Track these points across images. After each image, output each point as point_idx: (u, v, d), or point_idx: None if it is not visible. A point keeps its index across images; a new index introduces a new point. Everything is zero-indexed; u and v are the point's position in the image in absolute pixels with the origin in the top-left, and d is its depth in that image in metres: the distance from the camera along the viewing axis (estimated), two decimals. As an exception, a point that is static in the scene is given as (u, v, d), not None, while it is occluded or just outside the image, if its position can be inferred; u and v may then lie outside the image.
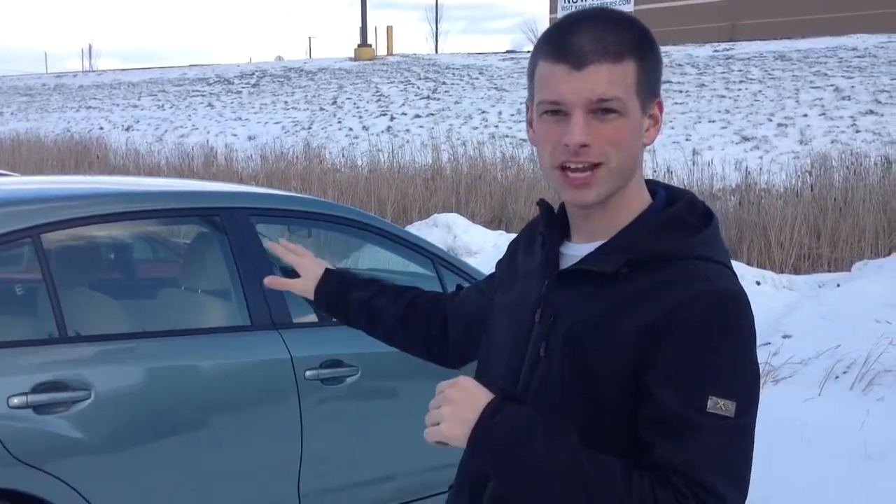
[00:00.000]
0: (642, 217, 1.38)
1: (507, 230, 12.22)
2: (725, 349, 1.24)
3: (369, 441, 3.79)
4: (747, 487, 1.24)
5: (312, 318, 3.82)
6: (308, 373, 3.57)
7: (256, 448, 3.44)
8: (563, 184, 1.35)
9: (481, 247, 9.68)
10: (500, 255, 1.70)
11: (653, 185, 1.44)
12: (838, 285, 7.20)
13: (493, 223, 12.47)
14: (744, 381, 1.25)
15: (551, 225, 1.47)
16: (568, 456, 1.23)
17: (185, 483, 3.26)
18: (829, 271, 8.96)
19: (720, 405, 1.21)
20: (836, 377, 5.59)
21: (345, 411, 3.73)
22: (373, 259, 5.56)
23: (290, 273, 2.00)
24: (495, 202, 13.19)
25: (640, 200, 1.40)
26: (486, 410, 1.28)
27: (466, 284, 3.99)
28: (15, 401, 2.87)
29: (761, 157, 15.13)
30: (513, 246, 1.65)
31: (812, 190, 10.83)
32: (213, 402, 3.36)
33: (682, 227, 1.35)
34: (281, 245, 2.00)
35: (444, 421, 1.29)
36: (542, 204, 1.51)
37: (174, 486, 3.23)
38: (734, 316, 1.26)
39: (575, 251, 1.42)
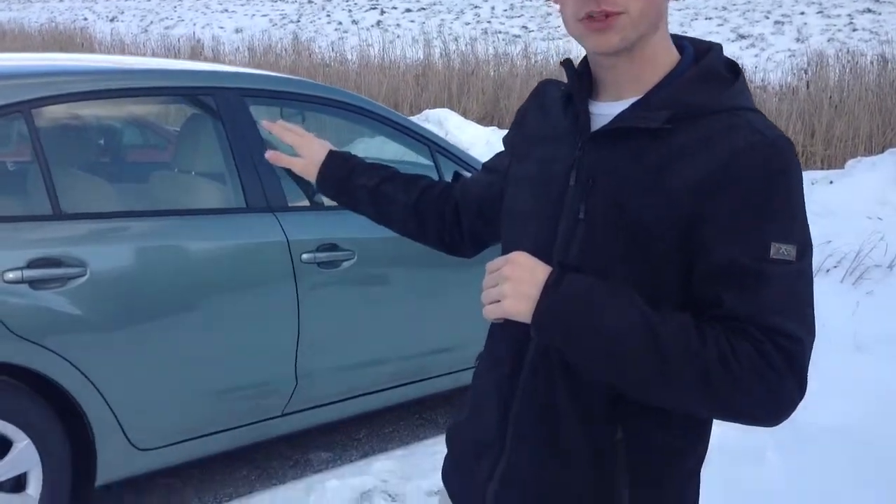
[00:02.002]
0: (675, 72, 1.36)
1: (500, 126, 12.11)
2: (782, 195, 1.24)
3: (365, 325, 3.81)
4: (815, 328, 1.26)
5: (305, 203, 3.79)
6: (304, 256, 3.56)
7: (253, 329, 3.45)
8: (586, 31, 1.32)
9: (473, 143, 9.58)
10: (492, 152, 1.65)
11: (677, 40, 1.41)
12: (831, 182, 7.20)
13: (485, 119, 12.35)
14: (800, 225, 1.26)
15: (577, 85, 1.43)
16: (637, 317, 1.22)
17: (182, 362, 3.27)
18: (823, 169, 8.95)
19: (783, 251, 1.22)
20: (827, 270, 5.64)
21: (341, 295, 3.73)
22: (368, 145, 5.51)
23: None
24: (487, 99, 13.04)
25: (668, 54, 1.37)
26: (547, 283, 1.26)
27: (466, 173, 3.99)
28: (10, 275, 2.85)
29: (757, 56, 14.95)
30: (519, 117, 1.60)
31: (808, 88, 10.74)
32: (209, 283, 3.35)
33: (717, 80, 1.34)
34: (279, 125, 1.89)
35: (506, 297, 1.27)
36: (567, 63, 1.46)
37: (170, 365, 3.24)
38: (787, 162, 1.26)
39: (604, 110, 1.39)
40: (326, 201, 4.18)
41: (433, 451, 3.93)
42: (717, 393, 1.20)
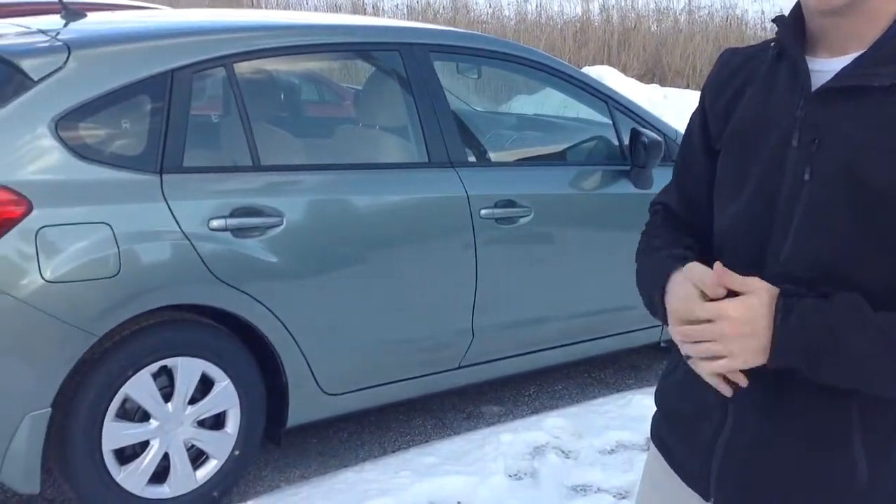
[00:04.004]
0: None
1: (661, 84, 11.83)
2: None
3: (539, 281, 3.82)
4: None
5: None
6: (483, 211, 3.59)
7: (434, 282, 3.51)
8: None
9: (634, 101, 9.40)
10: (653, 110, 1.52)
11: None
12: None
13: (645, 76, 12.08)
14: None
15: (792, 42, 1.37)
16: (873, 331, 1.18)
17: (367, 312, 3.37)
18: None
19: None
20: None
21: (517, 251, 3.75)
22: (547, 100, 5.48)
23: None
24: (649, 55, 12.72)
25: (889, 5, 1.28)
26: (775, 325, 1.21)
27: (645, 130, 3.92)
28: (215, 223, 2.99)
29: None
30: (711, 92, 1.51)
31: None
32: (393, 236, 3.42)
33: None
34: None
35: (734, 357, 1.23)
36: (781, 19, 1.40)
37: (356, 314, 3.34)
38: None
39: (823, 66, 1.32)
40: (499, 157, 4.22)
41: (604, 411, 3.93)
42: None
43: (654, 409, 1.59)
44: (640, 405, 3.87)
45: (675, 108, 9.21)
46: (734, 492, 1.38)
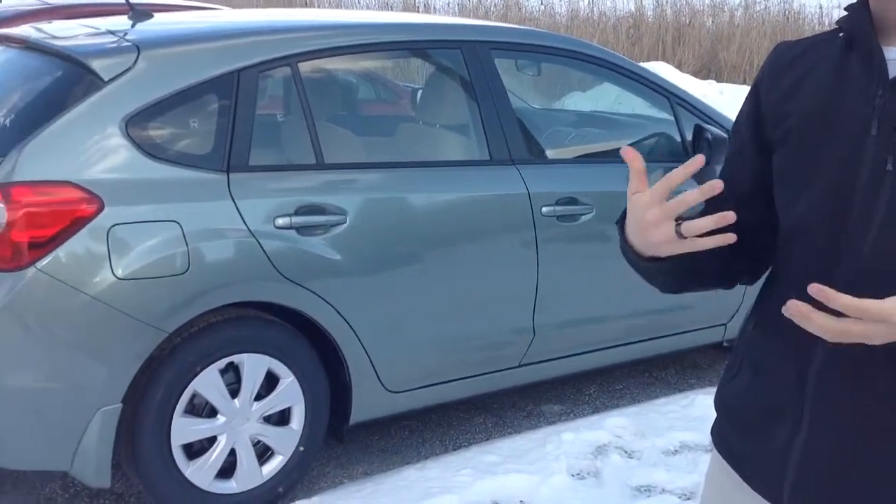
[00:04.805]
0: None
1: (718, 80, 11.68)
2: None
3: (600, 279, 3.79)
4: None
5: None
6: (544, 209, 3.57)
7: (495, 280, 3.51)
8: None
9: (690, 97, 9.30)
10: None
11: None
12: None
13: (701, 72, 11.93)
14: None
15: (866, 30, 1.33)
16: None
17: (428, 309, 3.37)
18: None
19: None
20: None
21: (578, 249, 3.73)
22: (601, 96, 5.44)
23: None
24: (704, 51, 12.57)
25: None
26: None
27: (709, 126, 3.87)
28: (280, 221, 3.02)
29: None
30: (763, 85, 1.47)
31: None
32: (454, 233, 3.42)
33: None
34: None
35: (872, 341, 1.16)
36: (853, 6, 1.36)
37: (418, 311, 3.35)
38: None
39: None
40: (559, 154, 4.20)
41: (667, 411, 3.89)
42: None
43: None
44: (704, 405, 3.82)
45: (732, 104, 9.08)
46: (815, 496, 1.34)
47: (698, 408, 3.83)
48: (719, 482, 1.52)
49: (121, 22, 3.33)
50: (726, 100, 9.67)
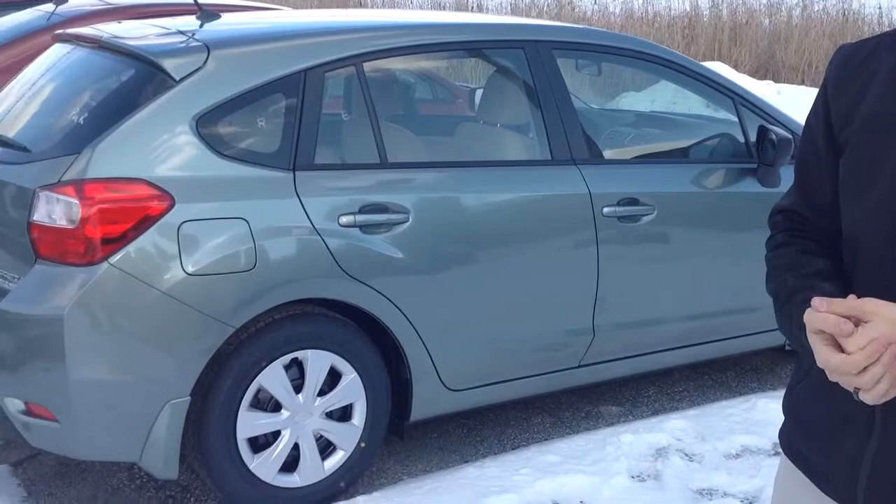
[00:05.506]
0: None
1: (775, 80, 11.52)
2: None
3: (661, 281, 3.77)
4: None
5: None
6: (606, 209, 3.56)
7: (555, 279, 3.50)
8: None
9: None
10: None
11: None
12: None
13: (758, 73, 11.78)
14: None
15: None
16: None
17: (489, 309, 3.38)
18: None
19: None
20: None
21: (639, 250, 3.71)
22: (657, 96, 5.41)
23: None
24: (761, 51, 12.40)
25: None
26: None
27: (773, 127, 3.82)
28: (344, 219, 3.05)
29: None
30: (832, 80, 1.44)
31: None
32: (516, 233, 3.42)
33: None
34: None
35: None
36: None
37: (479, 310, 3.36)
38: None
39: None
40: (620, 155, 4.18)
41: (727, 413, 3.85)
42: None
43: (780, 415, 1.51)
44: (765, 409, 3.78)
45: (790, 104, 8.94)
46: (889, 503, 1.33)
47: (760, 412, 3.78)
48: (789, 486, 1.50)
49: (190, 22, 3.39)
50: (784, 100, 9.53)
